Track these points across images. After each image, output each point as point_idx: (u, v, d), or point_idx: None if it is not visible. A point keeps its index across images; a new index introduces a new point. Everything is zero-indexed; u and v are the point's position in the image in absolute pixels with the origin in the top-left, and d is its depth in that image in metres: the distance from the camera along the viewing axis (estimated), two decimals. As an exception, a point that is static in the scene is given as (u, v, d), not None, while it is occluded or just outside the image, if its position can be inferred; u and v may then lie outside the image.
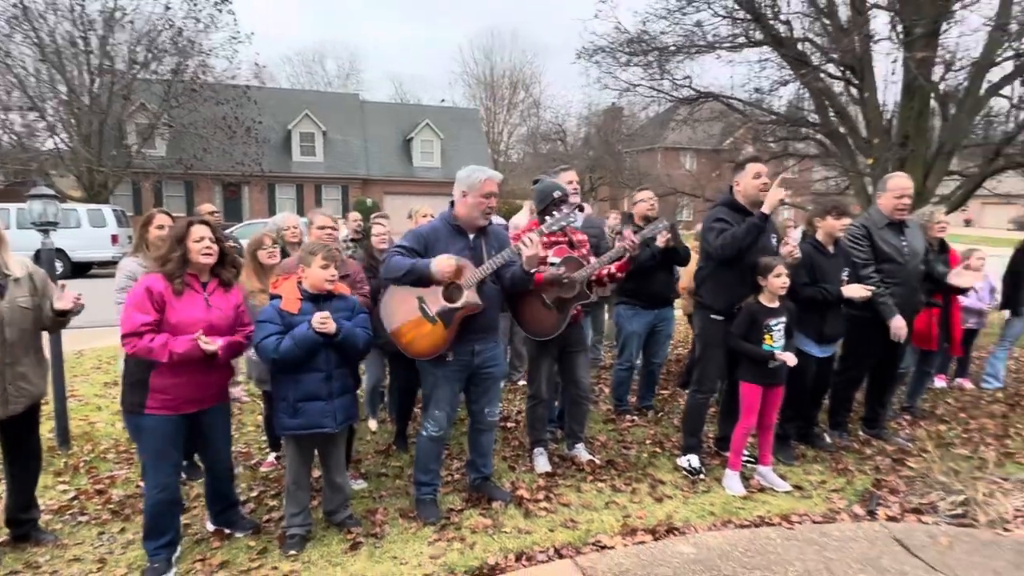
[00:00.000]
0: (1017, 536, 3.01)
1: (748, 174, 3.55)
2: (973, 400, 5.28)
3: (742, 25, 8.07)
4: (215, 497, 3.01)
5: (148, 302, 2.57)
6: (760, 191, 3.51)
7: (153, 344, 2.54)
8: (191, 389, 2.68)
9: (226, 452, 3.02)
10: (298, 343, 2.71)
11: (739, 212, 3.58)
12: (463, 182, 3.06)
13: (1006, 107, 7.51)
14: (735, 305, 3.52)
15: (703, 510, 3.28)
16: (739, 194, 3.61)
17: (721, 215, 3.57)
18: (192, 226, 2.67)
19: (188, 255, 2.65)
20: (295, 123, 26.94)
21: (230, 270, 2.88)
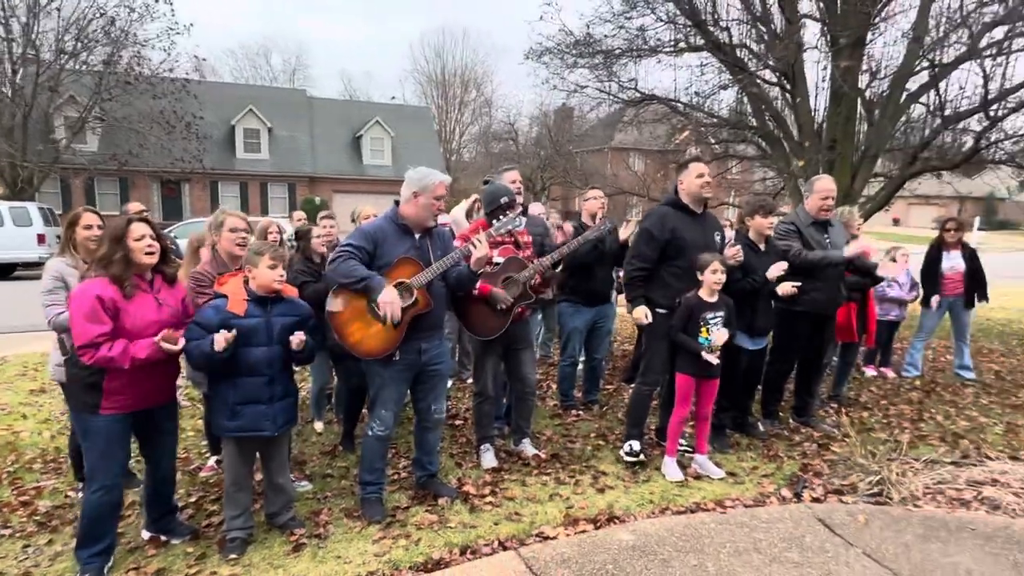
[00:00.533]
0: (926, 511, 3.25)
1: (691, 174, 3.72)
2: (894, 388, 5.65)
3: (683, 30, 8.32)
4: (155, 501, 2.94)
5: (101, 311, 2.47)
6: (702, 190, 3.68)
7: (113, 353, 2.47)
8: (146, 388, 2.64)
9: (171, 452, 2.95)
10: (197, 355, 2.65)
11: (683, 211, 3.73)
12: (415, 183, 3.08)
13: (923, 114, 8.03)
14: (677, 299, 3.66)
15: (643, 499, 3.40)
16: (683, 193, 3.76)
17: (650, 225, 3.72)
18: (131, 224, 2.58)
19: (130, 255, 2.56)
20: (239, 119, 26.12)
21: (172, 265, 2.83)
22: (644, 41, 8.32)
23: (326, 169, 27.51)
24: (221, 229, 3.39)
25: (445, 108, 41.68)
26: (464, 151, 42.22)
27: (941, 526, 3.09)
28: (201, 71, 22.29)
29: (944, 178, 8.73)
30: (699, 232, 3.68)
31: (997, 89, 6.94)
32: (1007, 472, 3.62)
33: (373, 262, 3.02)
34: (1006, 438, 4.39)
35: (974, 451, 4.11)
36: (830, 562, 2.76)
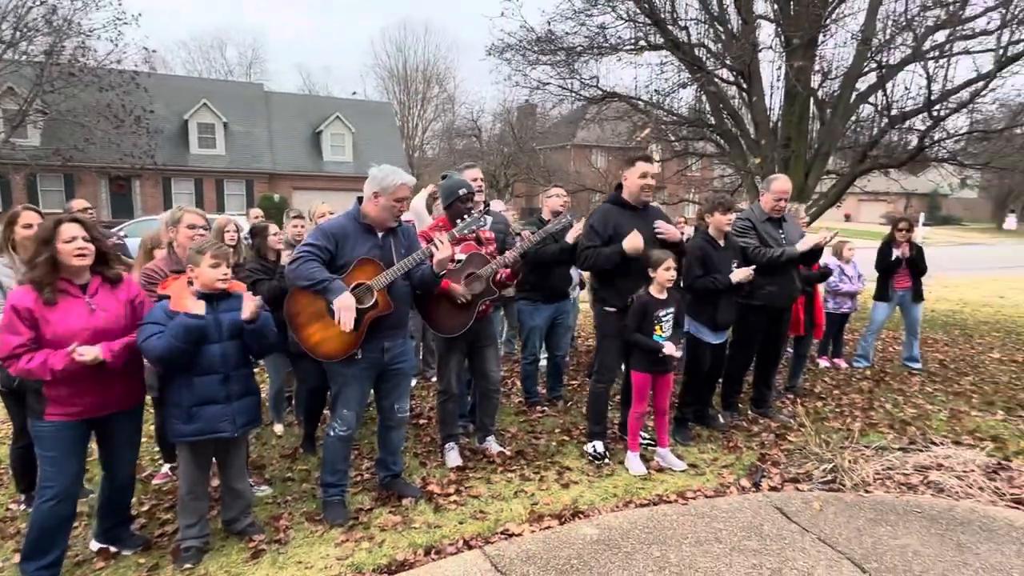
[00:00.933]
0: (876, 496, 3.38)
1: (635, 173, 3.72)
2: (846, 378, 5.85)
3: (643, 29, 8.42)
4: (110, 510, 2.83)
5: (17, 320, 2.36)
6: (642, 191, 3.70)
7: (31, 365, 2.35)
8: (92, 395, 2.52)
9: (131, 460, 2.84)
10: (176, 335, 2.54)
11: (624, 208, 3.76)
12: (377, 183, 3.01)
13: (872, 114, 8.33)
14: (628, 297, 3.69)
15: (607, 493, 3.43)
16: (626, 190, 3.79)
17: (593, 223, 3.74)
18: (60, 225, 2.45)
19: (58, 258, 2.44)
20: (192, 113, 25.25)
21: (115, 266, 2.69)
22: (605, 39, 8.38)
23: (285, 165, 26.88)
24: (179, 225, 3.29)
25: (407, 104, 41.23)
26: (427, 147, 41.88)
27: (890, 510, 3.21)
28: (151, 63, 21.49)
29: (892, 175, 9.07)
30: (641, 226, 3.67)
31: (939, 90, 7.25)
32: (950, 456, 3.78)
33: (334, 261, 2.95)
34: (950, 424, 4.60)
35: (920, 437, 4.29)
36: (787, 549, 2.84)
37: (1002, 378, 5.91)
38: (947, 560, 2.77)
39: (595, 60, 8.94)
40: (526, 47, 8.87)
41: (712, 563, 2.72)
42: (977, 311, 10.21)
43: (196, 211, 3.41)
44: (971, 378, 5.89)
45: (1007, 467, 3.72)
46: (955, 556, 2.80)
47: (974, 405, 5.06)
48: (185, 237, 3.23)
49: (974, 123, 8.30)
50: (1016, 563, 2.75)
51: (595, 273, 3.79)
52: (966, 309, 10.40)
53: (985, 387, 5.58)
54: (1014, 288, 13.30)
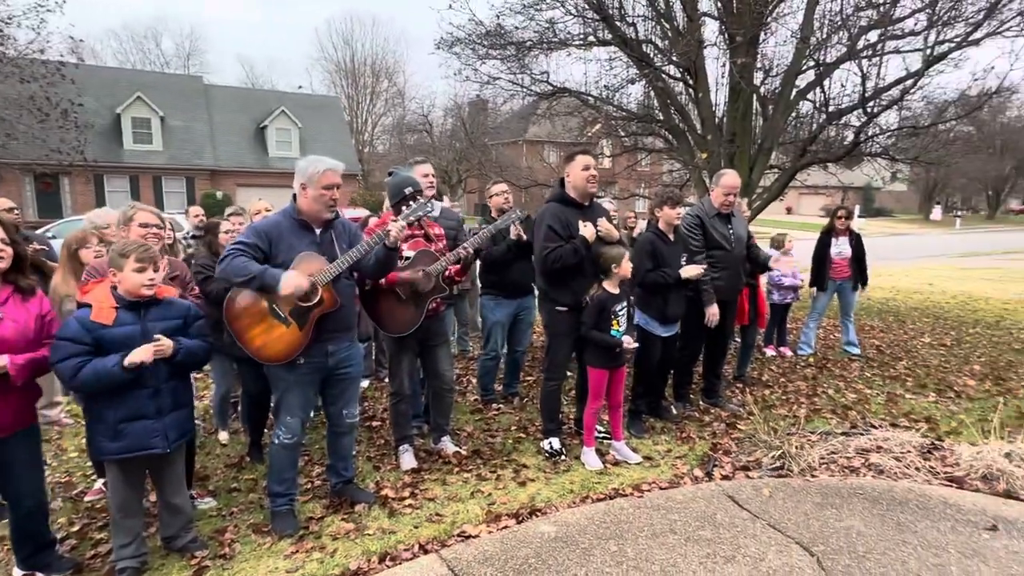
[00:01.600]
0: (822, 481, 3.49)
1: (577, 166, 3.70)
2: (791, 366, 6.05)
3: (592, 24, 8.46)
4: (23, 539, 2.60)
5: None
6: (588, 183, 3.69)
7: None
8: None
9: (33, 485, 2.60)
10: (100, 378, 2.38)
11: (570, 206, 3.75)
12: (302, 174, 2.89)
13: (811, 110, 8.64)
14: (580, 296, 3.68)
15: (564, 489, 3.43)
16: (569, 185, 3.77)
17: (549, 222, 3.68)
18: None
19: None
20: (125, 106, 24.00)
21: (29, 276, 2.49)
22: (554, 34, 8.38)
23: (228, 161, 25.88)
24: (131, 224, 3.09)
25: (356, 98, 40.42)
26: (378, 143, 41.17)
27: (835, 493, 3.32)
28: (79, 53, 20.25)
29: (830, 169, 9.44)
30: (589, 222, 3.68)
31: (872, 87, 7.57)
32: (889, 439, 3.95)
33: (269, 262, 2.81)
34: (887, 407, 4.81)
35: (861, 421, 4.47)
36: (739, 536, 2.90)
37: (933, 361, 6.24)
38: (888, 539, 2.88)
39: (545, 55, 8.93)
40: (475, 41, 8.78)
41: (668, 554, 2.74)
42: (908, 298, 10.77)
43: (150, 209, 3.20)
44: (905, 362, 6.19)
45: (940, 447, 3.92)
46: (895, 535, 2.92)
47: (908, 388, 5.32)
48: (137, 236, 3.02)
49: (904, 119, 8.71)
50: (951, 539, 2.89)
51: (545, 273, 3.73)
52: (898, 296, 10.95)
53: (918, 370, 5.88)
54: (941, 275, 14.11)
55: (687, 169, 9.62)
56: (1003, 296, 10.97)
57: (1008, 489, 3.35)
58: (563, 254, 3.59)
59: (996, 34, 6.96)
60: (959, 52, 7.23)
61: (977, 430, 4.03)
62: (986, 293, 11.37)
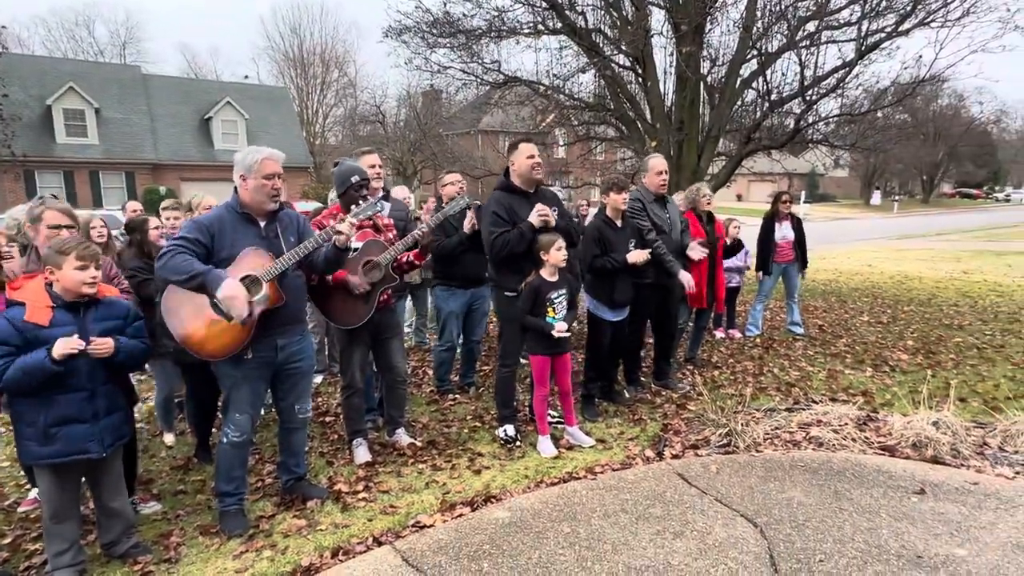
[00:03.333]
0: (766, 455, 3.63)
1: (522, 155, 3.74)
2: (739, 347, 6.25)
3: (541, 13, 8.48)
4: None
5: None
6: (533, 171, 3.73)
7: None
8: None
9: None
10: (27, 372, 2.27)
11: (515, 194, 3.78)
12: (240, 165, 2.81)
13: (755, 98, 8.88)
14: (522, 282, 3.71)
15: (518, 475, 3.46)
16: (514, 174, 3.80)
17: (494, 208, 3.71)
18: None
19: None
20: (56, 97, 22.69)
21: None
22: (503, 22, 8.35)
23: (170, 155, 24.84)
24: (39, 224, 2.91)
25: (306, 89, 39.31)
26: (330, 134, 40.19)
27: (778, 467, 3.46)
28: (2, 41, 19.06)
29: (774, 156, 9.75)
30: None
31: (811, 76, 7.84)
32: (828, 412, 4.13)
33: (211, 256, 2.72)
34: (827, 383, 5.03)
35: (803, 397, 4.66)
36: (688, 512, 2.99)
37: (870, 338, 6.55)
38: (826, 507, 3.02)
39: (495, 44, 8.90)
40: (424, 29, 8.67)
41: (619, 533, 2.81)
42: (850, 279, 11.26)
43: (59, 206, 3.00)
44: (845, 340, 6.48)
45: (875, 418, 4.13)
46: (833, 503, 3.06)
47: (848, 364, 5.58)
48: (46, 238, 2.86)
49: (843, 107, 9.07)
50: (883, 503, 3.05)
51: (493, 259, 3.75)
52: (841, 278, 11.43)
53: (857, 347, 6.17)
54: (879, 257, 14.80)
55: (639, 157, 9.78)
56: (935, 275, 11.59)
57: (935, 455, 3.55)
58: (510, 239, 3.61)
59: (923, 24, 7.30)
60: (890, 42, 7.57)
61: (908, 401, 4.25)
62: (920, 272, 12.00)
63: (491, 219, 3.70)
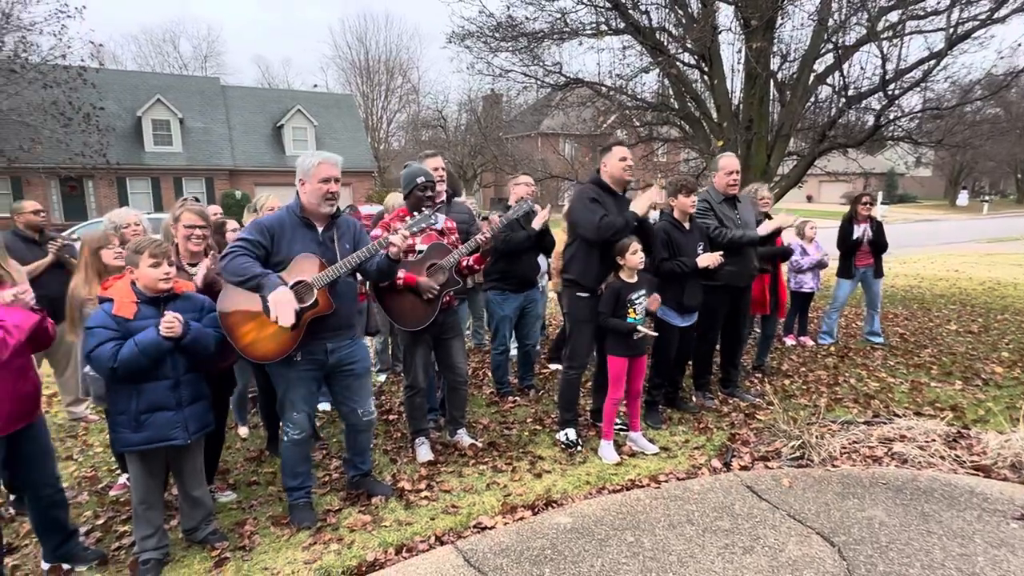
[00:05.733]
0: (843, 470, 3.43)
1: (615, 156, 3.74)
2: (812, 355, 5.95)
3: (604, 13, 8.37)
4: (49, 528, 2.67)
5: None
6: (625, 172, 3.70)
7: None
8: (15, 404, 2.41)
9: (48, 473, 2.67)
10: (143, 350, 2.44)
11: (606, 191, 3.75)
12: (299, 169, 2.89)
13: (830, 94, 8.45)
14: (601, 282, 3.67)
15: (580, 480, 3.41)
16: (605, 175, 3.77)
17: (592, 194, 3.70)
18: None
19: None
20: (145, 109, 24.36)
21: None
22: (566, 24, 8.30)
23: (246, 161, 26.18)
24: (177, 224, 3.18)
25: (371, 96, 40.56)
26: (393, 139, 41.32)
27: (857, 483, 3.26)
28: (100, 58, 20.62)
29: (850, 155, 9.25)
30: (618, 213, 3.66)
31: (894, 70, 7.38)
32: (912, 427, 3.87)
33: (270, 258, 2.80)
34: (911, 396, 4.71)
35: (884, 410, 4.38)
36: (758, 527, 2.86)
37: (959, 349, 6.09)
38: (912, 529, 2.82)
39: (557, 46, 8.86)
40: (487, 33, 8.73)
41: (685, 545, 2.72)
42: (934, 285, 10.53)
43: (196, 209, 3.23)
44: (930, 350, 6.05)
45: (966, 435, 3.83)
46: (920, 525, 2.85)
47: (934, 376, 5.20)
48: (183, 238, 3.14)
49: (927, 102, 8.49)
50: (977, 528, 2.82)
51: (574, 258, 3.73)
52: (923, 283, 10.71)
53: (944, 358, 5.75)
54: (967, 262, 13.77)
55: (703, 158, 9.50)
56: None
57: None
58: (617, 224, 3.55)
59: (1023, 10, 6.73)
60: (984, 30, 7.02)
61: (1005, 418, 3.93)
62: (1015, 279, 11.08)
63: (590, 204, 3.64)
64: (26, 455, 2.55)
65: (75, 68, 17.02)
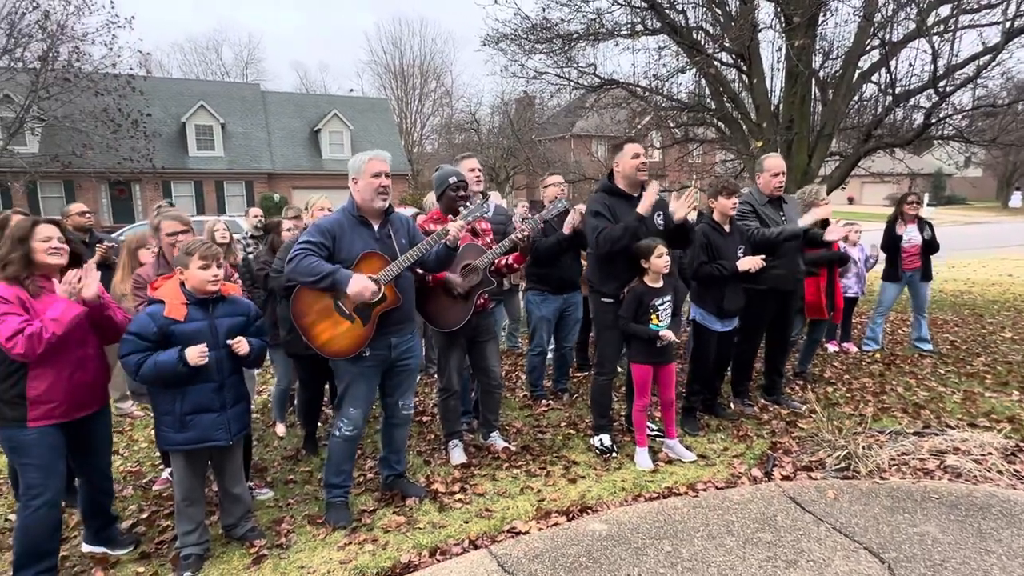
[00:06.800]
0: (892, 483, 3.29)
1: (627, 155, 3.61)
2: (856, 362, 5.75)
3: (640, 13, 8.27)
4: (96, 512, 2.81)
5: (10, 306, 2.35)
6: (638, 172, 3.60)
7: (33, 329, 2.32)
8: (71, 392, 2.51)
9: (106, 462, 2.83)
10: (160, 372, 2.50)
11: (618, 197, 3.65)
12: (351, 169, 2.99)
13: (875, 92, 8.17)
14: (624, 288, 3.59)
15: (615, 487, 3.35)
16: (618, 176, 3.67)
17: (596, 206, 3.60)
18: (37, 226, 2.47)
19: (33, 256, 2.45)
20: (189, 115, 25.15)
21: None
22: (601, 24, 8.23)
23: (284, 165, 26.78)
24: (159, 233, 3.21)
25: (405, 99, 41.01)
26: (426, 142, 41.67)
27: (907, 497, 3.12)
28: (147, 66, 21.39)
29: (896, 155, 8.92)
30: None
31: (945, 66, 7.08)
32: (967, 440, 3.69)
33: (332, 258, 2.87)
34: (964, 406, 4.49)
35: (935, 421, 4.19)
36: (802, 540, 2.76)
37: (1015, 357, 5.80)
38: (968, 547, 2.68)
39: (592, 47, 8.80)
40: (521, 36, 8.73)
41: (726, 556, 2.64)
42: (986, 290, 10.07)
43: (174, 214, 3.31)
44: (984, 358, 5.77)
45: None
46: (977, 543, 2.71)
47: (988, 386, 4.96)
48: (167, 246, 3.17)
49: (979, 99, 8.12)
50: (1040, 548, 2.66)
51: (595, 263, 3.67)
52: (974, 289, 10.26)
53: (999, 367, 5.47)
54: (1022, 266, 13.13)
55: (741, 159, 9.29)
56: (1095, 287, 10.11)
57: (1106, 496, 3.06)
58: (613, 235, 3.47)
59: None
60: (1044, 23, 6.68)
61: (1069, 431, 3.71)
62: (1075, 284, 10.51)
63: (592, 218, 3.61)
64: (87, 442, 2.68)
65: (124, 76, 17.66)
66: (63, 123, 17.90)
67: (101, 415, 2.71)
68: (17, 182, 19.69)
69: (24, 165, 18.41)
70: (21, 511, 2.50)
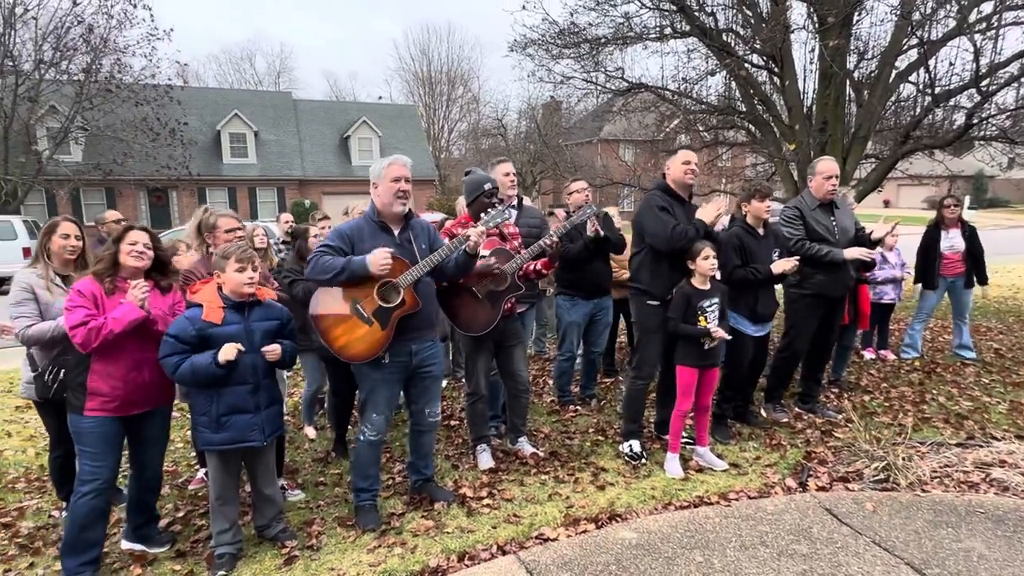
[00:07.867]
0: (934, 496, 3.18)
1: (678, 160, 3.66)
2: (894, 370, 5.57)
3: (669, 16, 8.20)
4: (139, 508, 2.91)
5: (82, 299, 2.53)
6: (686, 176, 3.60)
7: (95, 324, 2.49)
8: (128, 390, 2.62)
9: (158, 459, 2.92)
10: (195, 373, 2.58)
11: (673, 198, 3.66)
12: (372, 175, 3.03)
13: (913, 93, 7.94)
14: (671, 290, 3.57)
15: (644, 495, 3.31)
16: (670, 179, 3.69)
17: (661, 202, 3.62)
18: (129, 231, 2.70)
19: (119, 256, 2.63)
20: (224, 123, 25.81)
21: (169, 276, 2.87)
22: (630, 28, 8.19)
23: (314, 171, 27.26)
24: (216, 231, 3.34)
25: (433, 106, 41.41)
26: (454, 148, 42.00)
27: (951, 511, 3.01)
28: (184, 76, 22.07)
29: (935, 157, 8.65)
30: (686, 220, 3.58)
31: (988, 64, 6.85)
32: (1014, 452, 3.55)
33: None
34: (1010, 417, 4.32)
35: (979, 432, 4.04)
36: (839, 553, 2.68)
37: (1065, 367, 5.56)
38: (1017, 564, 2.57)
39: (620, 51, 8.75)
40: (549, 41, 8.73)
41: (759, 568, 2.58)
42: (1033, 296, 9.68)
43: (230, 213, 3.46)
44: (1031, 367, 5.55)
45: (1078, 463, 3.47)
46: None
47: (1036, 396, 4.76)
48: (225, 241, 3.29)
49: (1020, 98, 7.83)
50: (1095, 568, 2.53)
51: (645, 263, 3.66)
52: (1020, 295, 9.87)
53: (1047, 377, 5.26)
54: (1072, 271, 12.59)
55: (772, 162, 9.12)
56: None
57: None
58: (689, 233, 3.47)
59: None
60: (1093, 19, 6.41)
61: (1125, 445, 3.53)
62: None
63: (660, 212, 3.57)
64: (142, 439, 2.80)
65: (163, 87, 18.28)
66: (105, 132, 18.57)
67: (156, 414, 2.81)
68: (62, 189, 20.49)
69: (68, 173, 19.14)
70: (73, 499, 2.62)
